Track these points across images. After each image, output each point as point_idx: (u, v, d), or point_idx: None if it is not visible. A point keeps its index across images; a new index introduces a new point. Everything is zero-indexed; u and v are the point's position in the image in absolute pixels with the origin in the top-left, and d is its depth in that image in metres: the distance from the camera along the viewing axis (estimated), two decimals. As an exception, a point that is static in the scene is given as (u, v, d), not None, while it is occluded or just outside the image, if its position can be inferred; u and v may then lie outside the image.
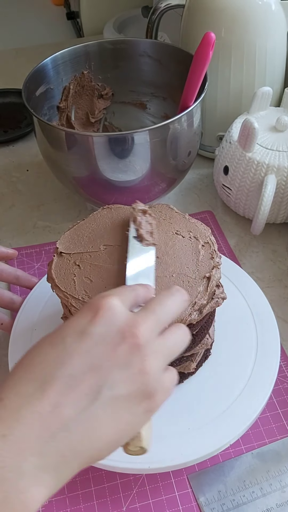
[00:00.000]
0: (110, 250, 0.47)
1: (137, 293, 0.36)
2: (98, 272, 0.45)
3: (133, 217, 0.47)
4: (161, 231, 0.48)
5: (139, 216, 0.47)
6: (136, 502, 0.46)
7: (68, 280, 0.45)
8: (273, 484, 0.46)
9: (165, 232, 0.48)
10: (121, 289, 0.36)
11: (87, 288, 0.44)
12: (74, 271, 0.45)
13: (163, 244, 0.47)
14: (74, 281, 0.44)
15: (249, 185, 0.65)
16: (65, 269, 0.46)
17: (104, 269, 0.45)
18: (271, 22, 0.68)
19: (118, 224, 0.49)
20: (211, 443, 0.45)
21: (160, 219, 0.49)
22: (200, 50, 0.58)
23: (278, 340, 0.52)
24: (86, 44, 0.72)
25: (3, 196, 0.78)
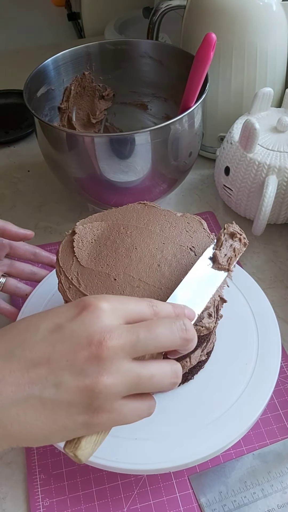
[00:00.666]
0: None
1: (139, 309, 0.34)
2: (110, 262, 0.45)
3: (218, 237, 0.45)
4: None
5: (223, 237, 0.44)
6: (137, 503, 0.46)
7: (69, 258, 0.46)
8: (274, 485, 0.46)
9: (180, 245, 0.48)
10: (124, 299, 0.34)
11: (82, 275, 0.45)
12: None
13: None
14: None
15: (250, 186, 0.65)
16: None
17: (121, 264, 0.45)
18: (272, 23, 0.68)
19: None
20: (212, 444, 0.45)
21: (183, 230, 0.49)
22: (201, 51, 0.58)
23: (279, 340, 0.52)
24: (87, 45, 0.72)
25: (4, 197, 0.78)
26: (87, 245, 0.47)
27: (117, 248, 0.47)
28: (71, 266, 0.46)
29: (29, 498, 0.46)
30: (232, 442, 0.45)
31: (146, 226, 0.49)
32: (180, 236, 0.48)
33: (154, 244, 0.47)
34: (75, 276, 0.45)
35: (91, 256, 0.46)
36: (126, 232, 0.48)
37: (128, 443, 0.45)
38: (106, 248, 0.47)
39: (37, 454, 0.49)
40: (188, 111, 0.60)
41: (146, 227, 0.48)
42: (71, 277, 0.45)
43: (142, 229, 0.48)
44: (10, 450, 0.50)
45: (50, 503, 0.46)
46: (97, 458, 0.44)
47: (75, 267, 0.46)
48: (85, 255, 0.47)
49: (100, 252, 0.46)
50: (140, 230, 0.48)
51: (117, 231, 0.48)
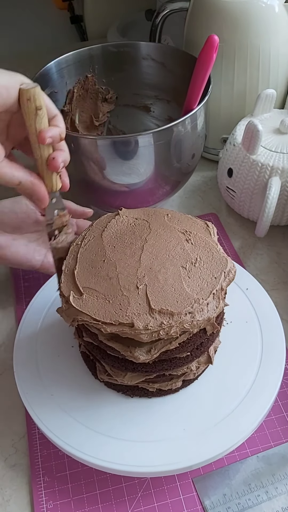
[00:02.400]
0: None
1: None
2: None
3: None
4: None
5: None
6: (141, 506, 0.46)
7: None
8: (278, 487, 0.46)
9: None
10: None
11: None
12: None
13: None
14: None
15: (253, 187, 0.65)
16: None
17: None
18: (274, 24, 0.68)
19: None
20: (216, 446, 0.45)
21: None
22: (203, 53, 0.58)
23: (283, 342, 0.52)
24: (90, 47, 0.72)
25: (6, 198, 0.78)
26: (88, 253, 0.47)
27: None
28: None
29: (33, 500, 0.46)
30: (236, 444, 0.45)
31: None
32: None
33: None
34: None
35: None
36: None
37: (132, 446, 0.45)
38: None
39: (41, 457, 0.49)
40: (191, 113, 0.60)
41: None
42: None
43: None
44: (14, 452, 0.50)
45: (54, 505, 0.46)
46: (101, 460, 0.44)
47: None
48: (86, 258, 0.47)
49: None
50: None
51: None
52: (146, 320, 0.41)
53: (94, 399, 0.49)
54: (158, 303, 0.42)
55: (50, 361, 0.52)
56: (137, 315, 0.41)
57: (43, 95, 0.42)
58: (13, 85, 0.40)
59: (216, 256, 0.46)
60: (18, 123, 0.42)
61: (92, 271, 0.45)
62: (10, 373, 0.54)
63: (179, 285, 0.43)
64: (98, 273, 0.45)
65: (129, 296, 0.42)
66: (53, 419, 0.47)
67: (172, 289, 0.43)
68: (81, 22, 1.28)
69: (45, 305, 0.57)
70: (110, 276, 0.44)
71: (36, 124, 0.42)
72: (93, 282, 0.44)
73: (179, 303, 0.42)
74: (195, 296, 0.42)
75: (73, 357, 0.52)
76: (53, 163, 0.43)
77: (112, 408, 0.48)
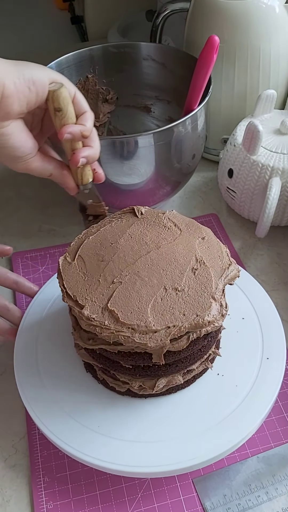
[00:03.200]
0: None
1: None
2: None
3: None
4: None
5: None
6: (141, 506, 0.46)
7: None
8: (279, 488, 0.46)
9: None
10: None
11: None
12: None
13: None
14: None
15: (253, 188, 0.65)
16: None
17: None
18: (275, 25, 0.68)
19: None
20: (216, 446, 0.45)
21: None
22: (204, 53, 0.58)
23: (283, 343, 0.52)
24: (90, 48, 0.72)
25: (8, 200, 0.79)
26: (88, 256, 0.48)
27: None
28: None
29: (33, 501, 0.46)
30: (237, 445, 0.45)
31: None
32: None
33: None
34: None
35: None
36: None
37: (132, 446, 0.45)
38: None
39: (41, 457, 0.49)
40: (191, 114, 0.60)
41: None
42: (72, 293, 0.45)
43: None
44: (14, 452, 0.50)
45: (54, 506, 0.46)
46: (101, 461, 0.44)
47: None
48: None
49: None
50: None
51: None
52: (96, 312, 0.42)
53: (94, 399, 0.49)
54: (115, 304, 0.43)
55: (50, 362, 0.52)
56: (92, 302, 0.43)
57: (68, 94, 0.43)
58: (46, 82, 0.42)
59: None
60: (50, 117, 0.45)
61: (96, 246, 0.47)
62: (10, 373, 0.54)
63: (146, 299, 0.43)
64: (98, 250, 0.47)
65: (101, 283, 0.44)
66: (53, 420, 0.47)
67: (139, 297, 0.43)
68: (81, 22, 1.28)
69: (45, 305, 0.57)
70: (103, 259, 0.46)
71: (56, 123, 0.44)
72: (89, 254, 0.46)
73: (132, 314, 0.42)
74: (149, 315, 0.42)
75: (73, 358, 0.52)
76: (73, 158, 0.45)
77: (113, 408, 0.48)
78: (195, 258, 0.46)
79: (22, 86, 0.40)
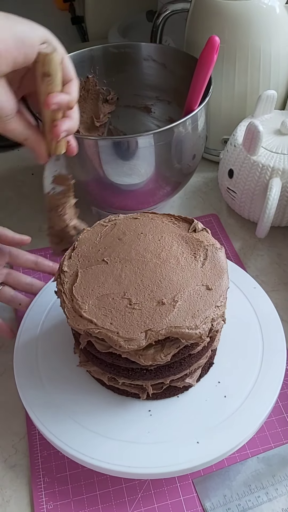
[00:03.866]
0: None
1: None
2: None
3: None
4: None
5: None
6: (141, 507, 0.46)
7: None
8: (279, 488, 0.46)
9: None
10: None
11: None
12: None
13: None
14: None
15: (254, 188, 0.65)
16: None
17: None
18: (275, 25, 0.68)
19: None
20: (216, 447, 0.45)
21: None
22: (204, 53, 0.58)
23: (284, 343, 0.52)
24: (90, 48, 0.72)
25: (9, 200, 0.79)
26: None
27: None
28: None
29: (33, 501, 0.46)
30: (238, 446, 0.45)
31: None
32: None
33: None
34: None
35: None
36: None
37: (132, 447, 0.45)
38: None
39: (41, 457, 0.49)
40: (191, 114, 0.60)
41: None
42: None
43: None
44: (14, 453, 0.50)
45: (54, 506, 0.46)
46: (101, 461, 0.44)
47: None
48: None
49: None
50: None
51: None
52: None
53: (94, 400, 0.49)
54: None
55: (50, 362, 0.52)
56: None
57: (57, 60, 0.40)
58: (37, 44, 0.39)
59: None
60: (33, 76, 0.41)
61: (99, 240, 0.48)
62: (10, 374, 0.54)
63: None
64: (101, 243, 0.48)
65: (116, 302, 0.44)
66: (53, 420, 0.47)
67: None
68: (82, 23, 1.28)
69: (46, 306, 0.57)
70: (104, 256, 0.47)
71: (42, 89, 0.41)
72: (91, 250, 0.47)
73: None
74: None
75: (74, 359, 0.52)
76: (55, 130, 0.43)
77: (112, 409, 0.48)
78: (201, 283, 0.45)
79: (11, 45, 0.37)
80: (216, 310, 0.43)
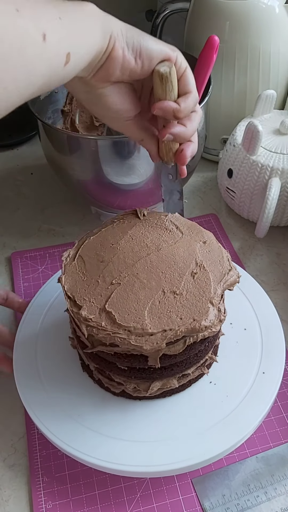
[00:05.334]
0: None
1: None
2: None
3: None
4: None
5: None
6: (140, 506, 0.46)
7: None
8: (277, 488, 0.46)
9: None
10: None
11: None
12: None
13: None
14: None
15: (253, 188, 0.65)
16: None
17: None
18: (275, 25, 0.68)
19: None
20: (215, 446, 0.45)
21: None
22: (204, 53, 0.58)
23: (283, 343, 0.52)
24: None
25: (8, 200, 0.78)
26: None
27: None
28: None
29: (32, 500, 0.46)
30: (236, 445, 0.45)
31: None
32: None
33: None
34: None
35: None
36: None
37: (131, 446, 0.45)
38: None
39: (40, 457, 0.49)
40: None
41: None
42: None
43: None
44: (13, 452, 0.50)
45: (53, 505, 0.46)
46: (100, 460, 0.44)
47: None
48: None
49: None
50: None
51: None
52: (93, 313, 0.42)
53: (93, 399, 0.49)
54: (112, 306, 0.43)
55: (49, 362, 0.52)
56: (90, 303, 0.43)
57: (176, 76, 0.43)
58: (155, 59, 0.41)
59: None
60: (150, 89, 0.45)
61: (97, 246, 0.47)
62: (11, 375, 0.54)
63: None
64: (98, 250, 0.47)
65: (99, 284, 0.44)
66: (52, 420, 0.47)
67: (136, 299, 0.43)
68: (81, 22, 1.27)
69: (45, 305, 0.57)
70: (103, 259, 0.46)
71: (155, 95, 0.43)
72: (89, 254, 0.47)
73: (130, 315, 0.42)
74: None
75: (72, 358, 0.52)
76: (181, 156, 0.46)
77: (112, 408, 0.48)
78: (195, 262, 0.46)
79: (129, 55, 0.39)
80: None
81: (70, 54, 0.34)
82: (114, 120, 0.45)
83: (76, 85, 0.41)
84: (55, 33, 0.32)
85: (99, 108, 0.43)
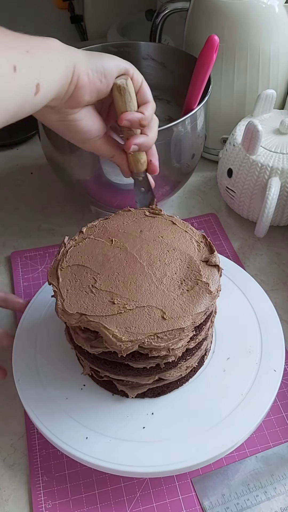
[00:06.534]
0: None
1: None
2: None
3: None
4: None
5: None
6: (139, 506, 0.46)
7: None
8: (277, 487, 0.46)
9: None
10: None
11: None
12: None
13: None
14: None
15: (253, 188, 0.65)
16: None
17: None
18: (274, 25, 0.68)
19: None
20: (215, 446, 0.45)
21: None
22: (204, 53, 0.58)
23: (282, 343, 0.52)
24: (90, 47, 0.72)
25: (8, 199, 0.78)
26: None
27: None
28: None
29: (31, 500, 0.46)
30: (236, 445, 0.45)
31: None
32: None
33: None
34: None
35: None
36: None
37: (131, 446, 0.45)
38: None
39: (40, 456, 0.49)
40: (190, 113, 0.60)
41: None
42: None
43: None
44: (13, 452, 0.50)
45: (52, 505, 0.46)
46: (99, 460, 0.44)
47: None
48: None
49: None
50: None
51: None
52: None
53: (93, 399, 0.49)
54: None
55: (49, 361, 0.52)
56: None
57: (133, 87, 0.46)
58: (115, 75, 0.45)
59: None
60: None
61: (94, 241, 0.48)
62: (9, 373, 0.54)
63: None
64: (97, 244, 0.48)
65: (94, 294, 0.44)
66: (52, 419, 0.47)
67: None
68: (81, 22, 1.27)
69: (44, 305, 0.57)
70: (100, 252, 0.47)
71: (117, 109, 0.46)
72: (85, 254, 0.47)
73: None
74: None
75: (72, 358, 0.52)
76: (126, 143, 0.48)
77: (111, 408, 0.48)
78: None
79: (94, 78, 0.43)
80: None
81: (39, 84, 0.37)
82: (86, 142, 0.48)
83: (48, 115, 0.45)
84: (25, 65, 0.36)
85: (73, 132, 0.46)
